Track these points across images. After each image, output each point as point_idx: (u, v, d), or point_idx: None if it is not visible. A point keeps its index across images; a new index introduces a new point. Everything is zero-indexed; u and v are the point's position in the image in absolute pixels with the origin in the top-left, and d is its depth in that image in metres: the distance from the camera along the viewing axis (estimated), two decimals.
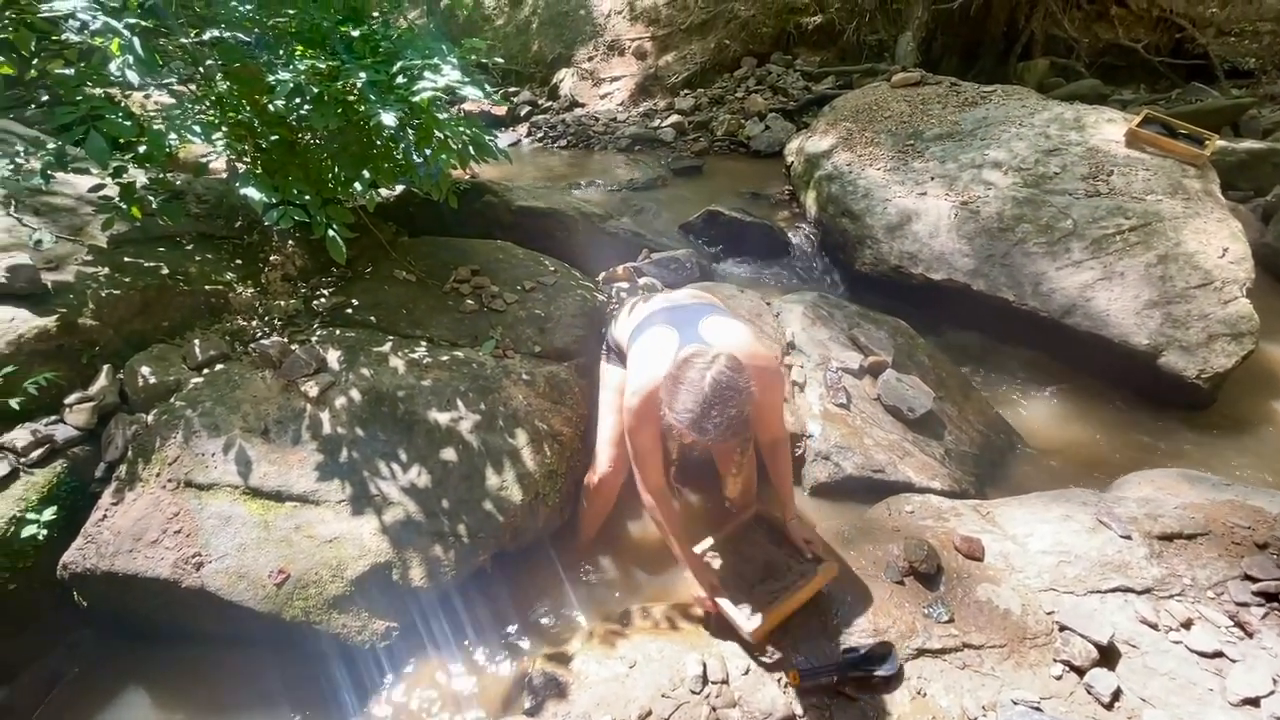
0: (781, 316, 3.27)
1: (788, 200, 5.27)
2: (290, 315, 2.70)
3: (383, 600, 2.08)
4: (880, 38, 7.73)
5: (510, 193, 4.04)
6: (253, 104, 2.53)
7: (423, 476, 2.26)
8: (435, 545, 2.17)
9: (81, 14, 1.99)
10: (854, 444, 2.65)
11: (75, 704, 2.07)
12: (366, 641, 2.03)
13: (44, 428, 2.21)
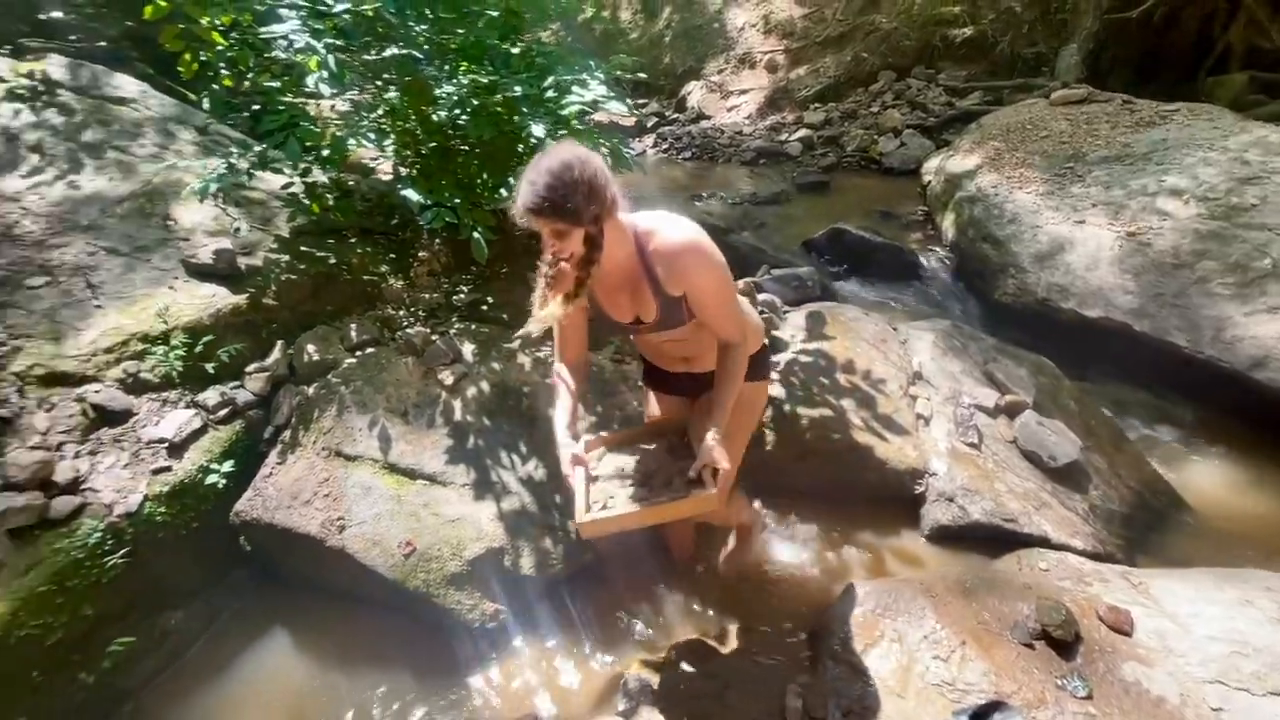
0: (909, 344, 3.10)
1: (921, 221, 5.01)
2: (433, 308, 2.93)
3: (494, 584, 2.20)
4: (1039, 50, 7.15)
5: None
6: (418, 114, 2.78)
7: (539, 470, 2.37)
8: (546, 538, 2.26)
9: (294, 35, 2.29)
10: (983, 488, 2.46)
11: (230, 634, 2.37)
12: (476, 620, 2.15)
13: (229, 391, 2.55)
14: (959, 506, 2.44)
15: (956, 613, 1.97)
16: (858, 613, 2.02)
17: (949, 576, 2.21)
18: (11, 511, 2.00)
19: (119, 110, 3.59)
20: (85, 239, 2.85)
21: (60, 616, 1.98)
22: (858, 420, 2.65)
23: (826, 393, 2.73)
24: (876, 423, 2.66)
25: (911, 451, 2.60)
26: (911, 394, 2.83)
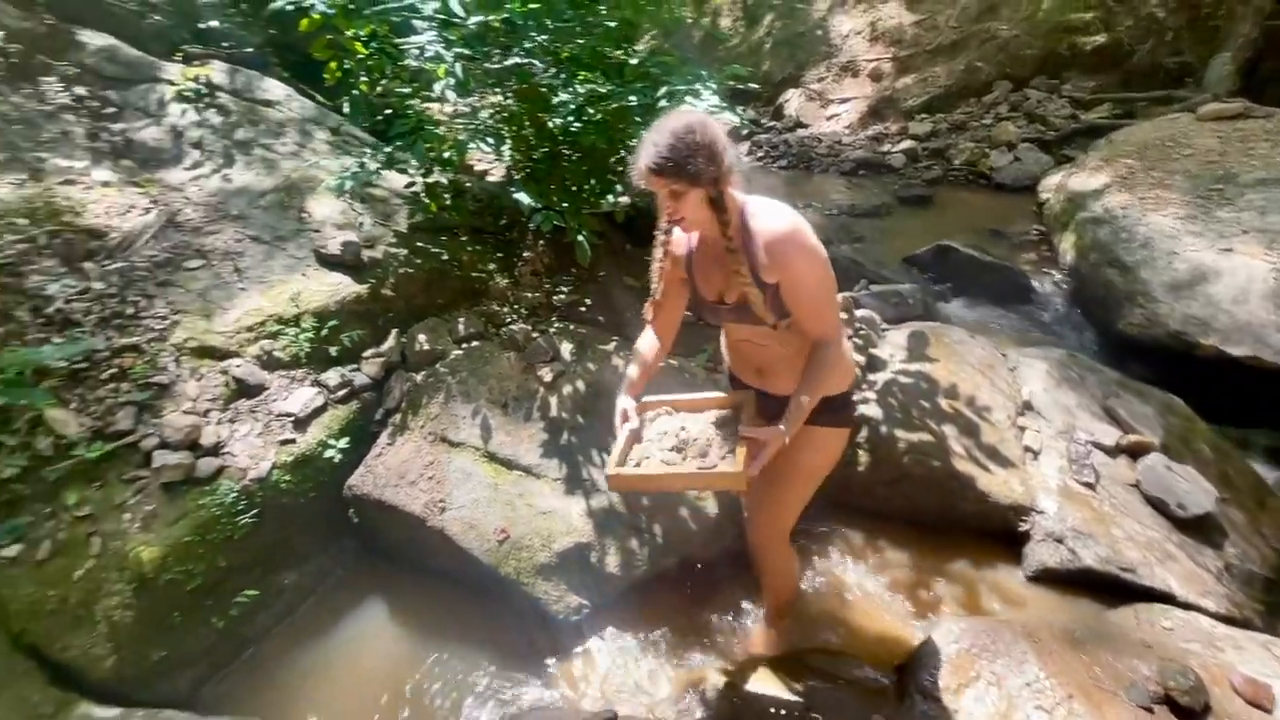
0: (1018, 371, 2.93)
1: (1035, 242, 4.70)
2: (534, 306, 3.05)
3: (579, 577, 2.26)
4: (1183, 60, 6.55)
5: None
6: (533, 120, 2.91)
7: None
8: (632, 538, 2.30)
9: (429, 45, 2.45)
10: (1098, 532, 2.29)
11: (334, 597, 2.56)
12: (561, 612, 2.22)
13: (348, 373, 2.75)
14: (1069, 549, 2.28)
15: (1063, 663, 1.85)
16: (951, 649, 1.94)
17: (1055, 623, 2.08)
18: (166, 467, 2.25)
19: (266, 111, 3.96)
20: (234, 227, 3.16)
21: (199, 565, 2.21)
22: (959, 448, 2.53)
23: (926, 417, 2.63)
24: (980, 452, 2.53)
25: (1017, 486, 2.45)
26: (1019, 425, 2.67)
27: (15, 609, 1.98)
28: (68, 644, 1.99)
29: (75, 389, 2.40)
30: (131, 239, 2.96)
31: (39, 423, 2.24)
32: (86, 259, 2.79)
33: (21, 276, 2.58)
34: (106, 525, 2.14)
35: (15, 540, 2.07)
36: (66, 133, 3.36)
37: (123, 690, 2.04)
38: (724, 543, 2.40)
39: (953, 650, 1.93)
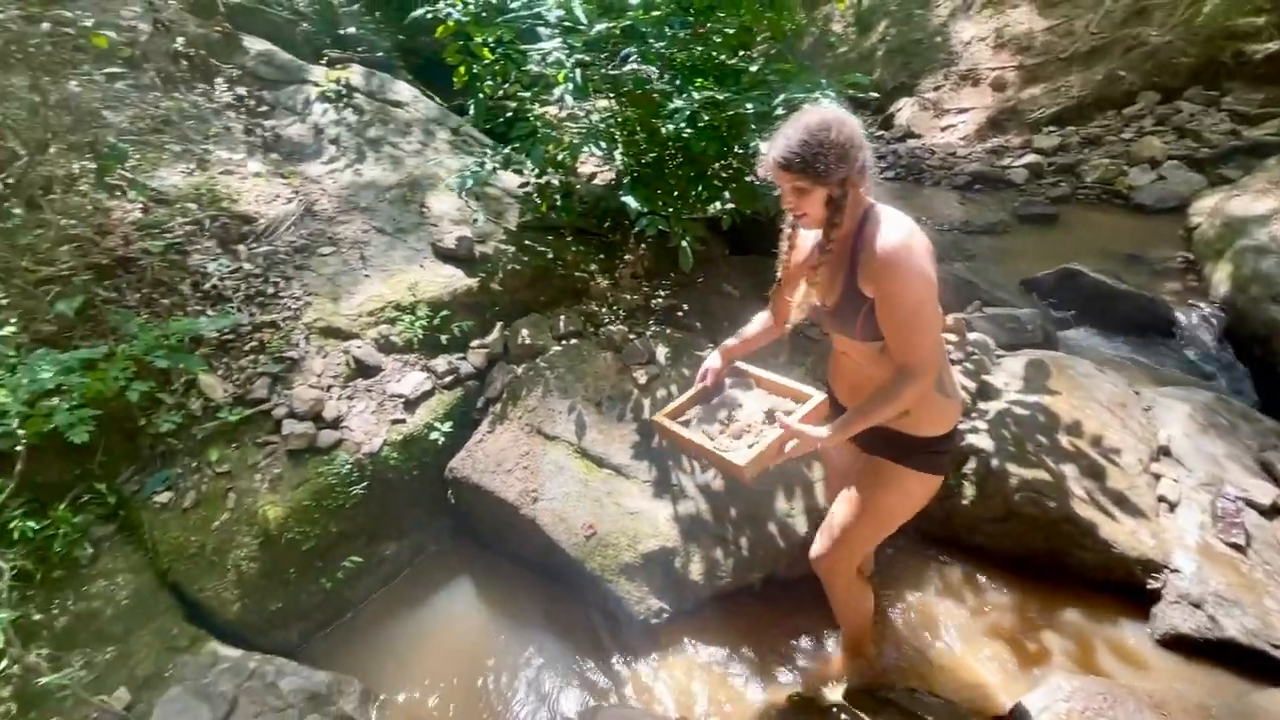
0: (1155, 412, 2.66)
1: (1180, 270, 4.25)
2: (632, 309, 3.08)
3: (662, 581, 2.26)
4: None
5: None
6: (646, 126, 2.94)
7: (717, 481, 2.39)
8: (717, 548, 2.28)
9: (555, 52, 2.54)
10: (1246, 600, 2.03)
11: (428, 572, 2.70)
12: (642, 614, 2.23)
13: (455, 361, 2.90)
14: (1208, 616, 2.04)
15: None
16: (1061, 708, 1.78)
17: (1187, 696, 1.86)
18: (293, 435, 2.45)
19: (396, 112, 4.24)
20: (362, 219, 3.41)
21: (315, 529, 2.39)
22: (1080, 490, 2.33)
23: (1043, 453, 2.43)
24: (1104, 497, 2.31)
25: (1147, 538, 2.23)
26: (1153, 472, 2.42)
27: (163, 549, 2.23)
28: (203, 586, 2.21)
29: (223, 358, 2.66)
30: (275, 225, 3.26)
31: (193, 385, 2.51)
32: (239, 241, 3.10)
33: (186, 255, 2.90)
34: (241, 483, 2.36)
35: (167, 488, 2.33)
36: (228, 128, 3.74)
37: (243, 634, 2.25)
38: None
39: (1063, 709, 1.77)
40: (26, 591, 2.03)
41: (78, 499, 2.25)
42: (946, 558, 2.51)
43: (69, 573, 2.13)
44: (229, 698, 1.99)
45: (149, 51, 3.50)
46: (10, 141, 2.37)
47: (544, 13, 2.80)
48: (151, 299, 2.70)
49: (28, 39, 2.13)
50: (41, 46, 2.20)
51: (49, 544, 2.11)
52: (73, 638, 2.03)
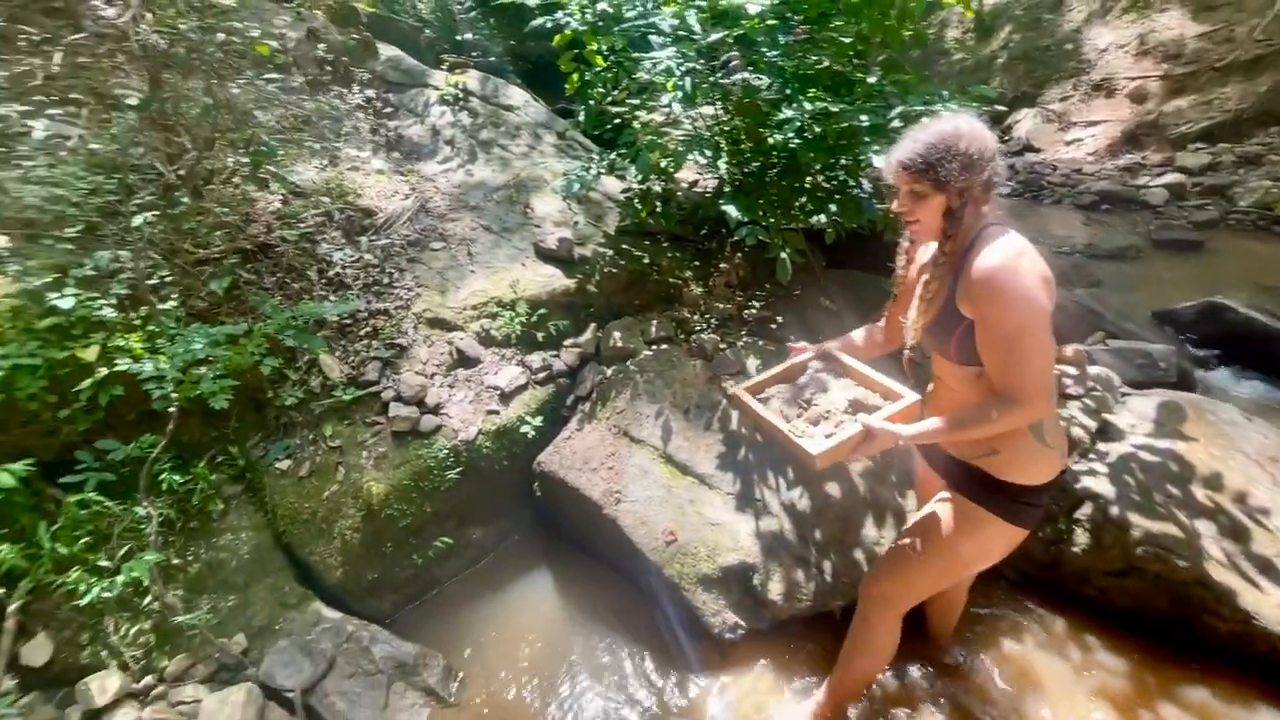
0: None
1: None
2: (725, 318, 3.07)
3: (740, 597, 2.24)
4: None
5: None
6: (751, 135, 2.92)
7: (803, 500, 2.34)
8: (798, 570, 2.22)
9: (668, 60, 2.57)
10: None
11: (509, 559, 2.80)
12: (716, 626, 2.21)
13: (549, 358, 2.99)
14: None
15: None
16: None
17: None
18: (399, 418, 2.62)
19: (507, 115, 4.44)
20: (471, 217, 3.59)
21: (411, 507, 2.54)
22: (1217, 551, 2.09)
23: (1174, 505, 2.20)
24: (1247, 562, 2.07)
25: None
26: None
27: (281, 512, 2.44)
28: (312, 550, 2.40)
29: (340, 340, 2.88)
30: (393, 219, 3.49)
31: (314, 364, 2.73)
32: (361, 233, 3.34)
33: (315, 244, 3.16)
34: (350, 458, 2.54)
35: (287, 456, 2.54)
36: (357, 128, 4.04)
37: (343, 599, 2.42)
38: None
39: None
40: (168, 538, 2.28)
41: (214, 459, 2.50)
42: (1050, 609, 2.33)
43: (202, 524, 2.38)
44: (328, 656, 2.15)
45: (298, 58, 3.83)
46: (183, 137, 2.67)
47: (658, 22, 2.83)
48: (284, 283, 2.96)
49: (205, 47, 2.39)
50: (215, 54, 2.47)
51: (189, 497, 2.36)
52: (202, 583, 2.26)
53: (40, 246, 2.39)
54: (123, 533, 2.16)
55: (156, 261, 2.57)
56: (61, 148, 2.53)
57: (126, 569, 1.98)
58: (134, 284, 2.43)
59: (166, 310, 2.42)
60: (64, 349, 2.20)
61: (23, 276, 2.25)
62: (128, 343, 2.27)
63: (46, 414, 2.20)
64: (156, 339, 2.34)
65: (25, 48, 2.47)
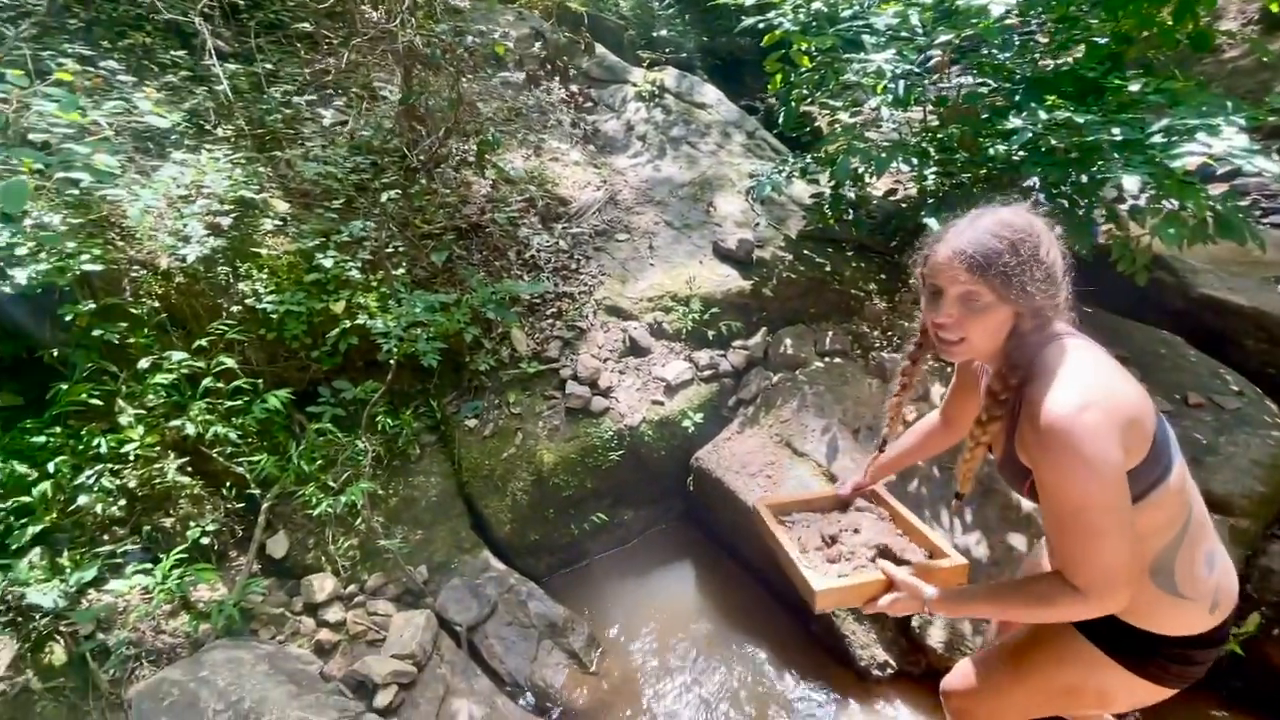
0: None
1: None
2: (909, 336, 2.87)
3: (894, 635, 2.12)
4: None
5: (1192, 274, 3.24)
6: (966, 144, 2.69)
7: (980, 547, 2.13)
8: (965, 622, 2.04)
9: (881, 62, 2.44)
10: None
11: (656, 546, 2.89)
12: (863, 660, 2.11)
13: (716, 357, 3.02)
14: None
15: None
16: None
17: None
18: (573, 396, 2.79)
19: (699, 113, 4.50)
20: (655, 211, 3.70)
21: (575, 480, 2.71)
22: None
23: None
24: None
25: None
26: None
27: (465, 465, 2.72)
28: (488, 503, 2.66)
29: (529, 318, 3.13)
30: (584, 209, 3.71)
31: (506, 337, 3.00)
32: (555, 220, 3.60)
33: (517, 227, 3.45)
34: (527, 426, 2.77)
35: (475, 416, 2.83)
36: (560, 121, 4.34)
37: (507, 552, 2.65)
38: None
39: None
40: (377, 471, 2.65)
41: (417, 409, 2.85)
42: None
43: (403, 464, 2.72)
44: (491, 602, 2.37)
45: (522, 55, 4.19)
46: (425, 126, 3.06)
47: (874, 22, 2.71)
48: (488, 260, 3.28)
49: (456, 48, 2.72)
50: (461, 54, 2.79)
51: (395, 439, 2.71)
52: (398, 516, 2.60)
53: (313, 214, 2.88)
54: (344, 460, 2.54)
55: (393, 233, 2.98)
56: (337, 133, 3.01)
57: (347, 492, 2.34)
58: (375, 251, 2.84)
59: (397, 276, 2.80)
60: (320, 301, 2.63)
61: (299, 238, 2.72)
62: (366, 301, 2.65)
63: (303, 353, 2.65)
64: (387, 300, 2.71)
65: (325, 50, 2.98)
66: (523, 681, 2.20)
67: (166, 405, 2.30)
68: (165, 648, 2.02)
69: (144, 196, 2.30)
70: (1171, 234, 2.01)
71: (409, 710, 1.96)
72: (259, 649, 2.01)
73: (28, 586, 1.84)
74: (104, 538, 2.11)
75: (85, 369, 2.16)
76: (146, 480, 2.20)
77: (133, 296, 2.32)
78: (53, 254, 2.07)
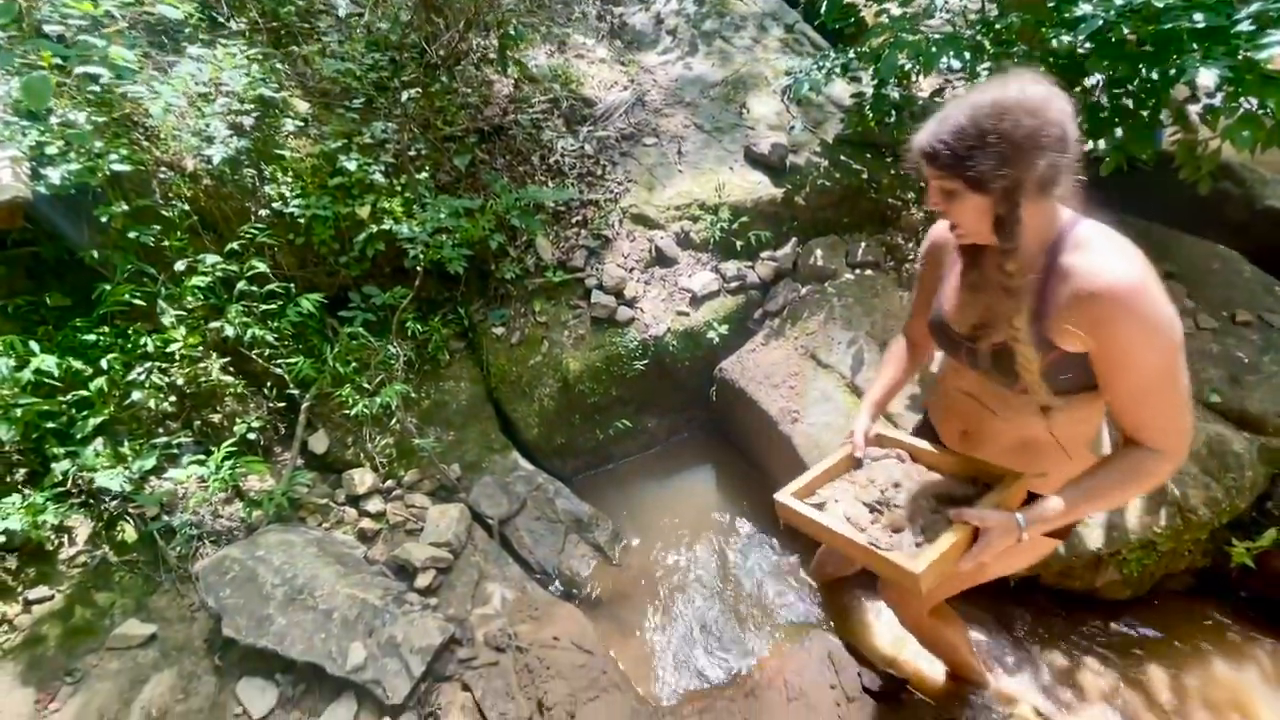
0: None
1: None
2: None
3: None
4: None
5: (1261, 185, 3.02)
6: (1027, 37, 2.46)
7: None
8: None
9: None
10: None
11: (678, 452, 2.98)
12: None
13: (743, 268, 2.96)
14: None
15: None
16: None
17: None
18: (598, 305, 2.80)
19: (734, 4, 4.17)
20: (685, 113, 3.53)
21: (600, 388, 2.76)
22: None
23: None
24: None
25: None
26: None
27: (493, 371, 2.79)
28: (515, 408, 2.74)
29: (554, 226, 3.08)
30: (611, 111, 3.55)
31: (531, 245, 2.97)
32: (580, 123, 3.46)
33: (540, 130, 3.33)
34: (554, 335, 2.80)
35: (502, 324, 2.86)
36: (585, 13, 4.07)
37: (534, 454, 2.76)
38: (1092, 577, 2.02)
39: None
40: (408, 375, 2.73)
41: (445, 316, 2.89)
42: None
43: (433, 369, 2.80)
44: (521, 498, 2.50)
45: None
46: (444, 18, 2.90)
47: None
48: (512, 165, 3.20)
49: None
50: None
51: (425, 344, 2.77)
52: (431, 417, 2.70)
53: (333, 115, 2.80)
54: (377, 364, 2.62)
55: (415, 135, 2.90)
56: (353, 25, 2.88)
57: (382, 393, 2.42)
58: (398, 153, 2.79)
59: (421, 180, 2.75)
60: (346, 205, 2.62)
61: (321, 140, 2.67)
62: (391, 206, 2.63)
63: (331, 258, 2.67)
64: (412, 205, 2.69)
65: None
66: (551, 570, 2.35)
67: (205, 307, 2.37)
68: (224, 530, 2.19)
69: (165, 94, 2.27)
70: (1245, 136, 1.85)
71: (446, 591, 2.13)
72: (308, 534, 2.17)
73: (95, 472, 1.99)
74: (159, 431, 2.24)
75: (125, 271, 2.21)
76: (193, 379, 2.30)
77: (163, 199, 2.34)
78: (81, 154, 2.07)
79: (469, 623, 2.03)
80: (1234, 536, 2.05)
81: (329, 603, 1.89)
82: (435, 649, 1.87)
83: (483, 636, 1.98)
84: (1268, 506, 2.11)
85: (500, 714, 1.78)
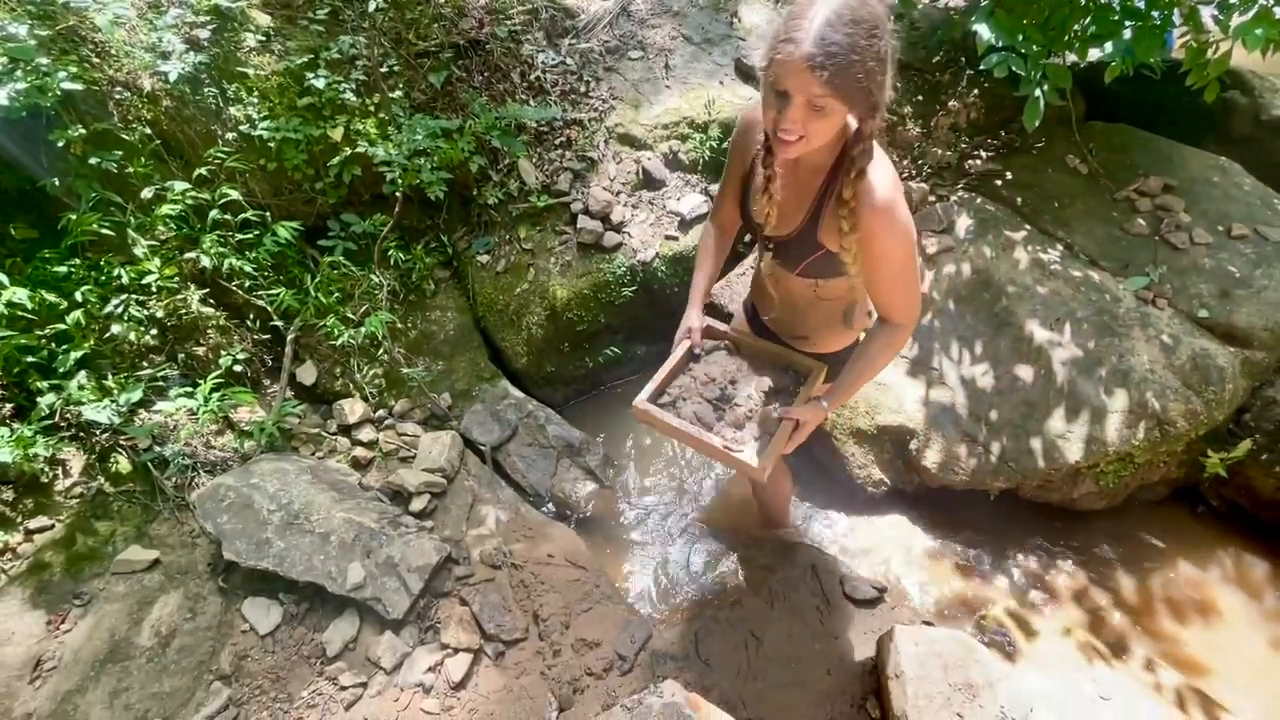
0: None
1: None
2: (941, 166, 2.69)
3: (891, 458, 2.23)
4: None
5: (1271, 93, 2.91)
6: None
7: (986, 378, 2.17)
8: (961, 445, 2.14)
9: None
10: None
11: None
12: (859, 479, 2.25)
13: None
14: None
15: None
16: None
17: None
18: (585, 230, 2.73)
19: None
20: (672, 24, 3.33)
21: (588, 315, 2.74)
22: None
23: None
24: None
25: None
26: None
27: (480, 300, 2.75)
28: (504, 336, 2.73)
29: (537, 148, 2.96)
30: (594, 22, 3.34)
31: (513, 168, 2.86)
32: (562, 36, 3.26)
33: (519, 44, 3.14)
34: (540, 262, 2.75)
35: (487, 252, 2.80)
36: None
37: (525, 383, 2.77)
38: (1072, 492, 2.08)
39: None
40: (393, 305, 2.69)
41: (428, 245, 2.83)
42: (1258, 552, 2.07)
43: (418, 299, 2.76)
44: (512, 425, 2.52)
45: None
46: None
47: None
48: (490, 82, 3.04)
49: None
50: None
51: (409, 273, 2.72)
52: (419, 347, 2.69)
53: (296, 28, 2.63)
54: (361, 295, 2.58)
55: (386, 50, 2.73)
56: None
57: (367, 323, 2.40)
58: (369, 71, 2.64)
59: (395, 99, 2.62)
60: (317, 127, 2.50)
61: (285, 56, 2.52)
62: (365, 127, 2.52)
63: (307, 185, 2.58)
64: (386, 126, 2.57)
65: None
66: (544, 493, 2.41)
67: (178, 238, 2.30)
68: (217, 460, 2.21)
69: (111, 4, 2.11)
70: (1259, 34, 1.76)
71: (441, 515, 2.18)
72: (301, 462, 2.19)
73: (82, 405, 1.99)
74: (143, 364, 2.22)
75: (91, 199, 2.13)
76: (173, 311, 2.26)
77: (122, 122, 2.22)
78: (29, 71, 1.95)
79: (464, 543, 2.09)
80: (1209, 448, 2.09)
81: (325, 526, 1.94)
82: (432, 567, 1.93)
83: (478, 555, 2.05)
84: (1245, 419, 2.15)
85: (497, 625, 1.87)
